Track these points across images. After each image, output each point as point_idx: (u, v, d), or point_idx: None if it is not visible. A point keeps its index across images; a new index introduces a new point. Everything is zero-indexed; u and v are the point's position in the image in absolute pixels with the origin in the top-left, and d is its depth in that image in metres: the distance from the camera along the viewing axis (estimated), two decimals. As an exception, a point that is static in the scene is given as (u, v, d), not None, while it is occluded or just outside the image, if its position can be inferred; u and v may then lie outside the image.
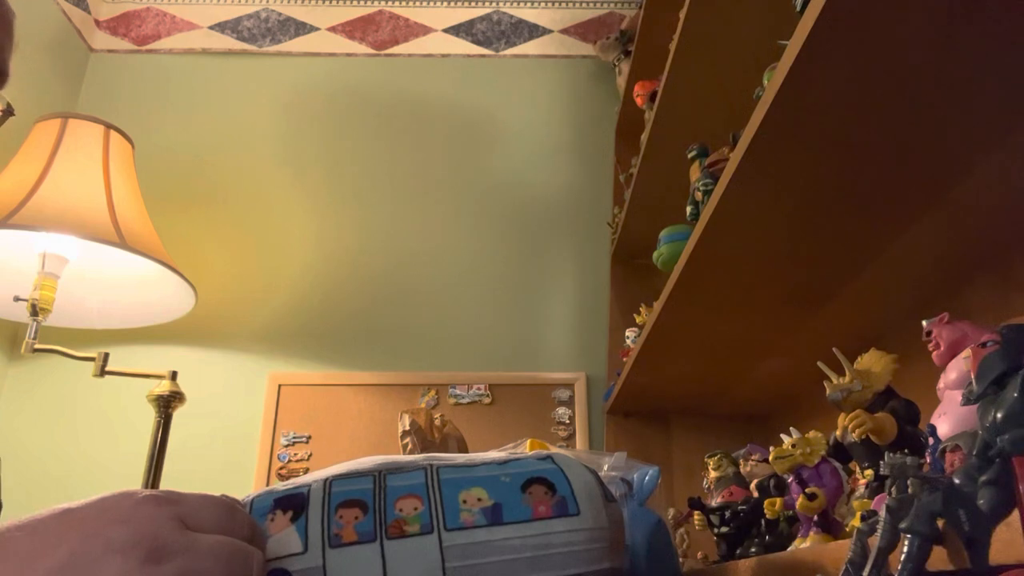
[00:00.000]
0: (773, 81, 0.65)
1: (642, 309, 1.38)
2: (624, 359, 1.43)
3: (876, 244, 0.86)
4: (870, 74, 0.62)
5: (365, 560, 0.46)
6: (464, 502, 0.50)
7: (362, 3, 2.06)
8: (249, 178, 1.86)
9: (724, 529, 0.89)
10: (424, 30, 2.03)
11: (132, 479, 1.44)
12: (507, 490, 0.51)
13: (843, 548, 0.46)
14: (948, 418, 0.50)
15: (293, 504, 0.49)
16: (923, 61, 0.60)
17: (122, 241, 1.37)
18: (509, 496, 0.51)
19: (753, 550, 0.84)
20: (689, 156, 1.08)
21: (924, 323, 0.57)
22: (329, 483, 0.50)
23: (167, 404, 1.39)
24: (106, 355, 1.39)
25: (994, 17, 0.55)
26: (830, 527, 0.68)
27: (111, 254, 1.42)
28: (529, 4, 2.05)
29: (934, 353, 0.56)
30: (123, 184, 1.47)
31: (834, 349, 0.67)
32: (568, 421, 1.63)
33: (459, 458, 0.55)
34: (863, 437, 0.61)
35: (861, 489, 0.63)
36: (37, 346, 1.36)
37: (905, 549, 0.38)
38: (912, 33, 0.57)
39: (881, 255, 0.88)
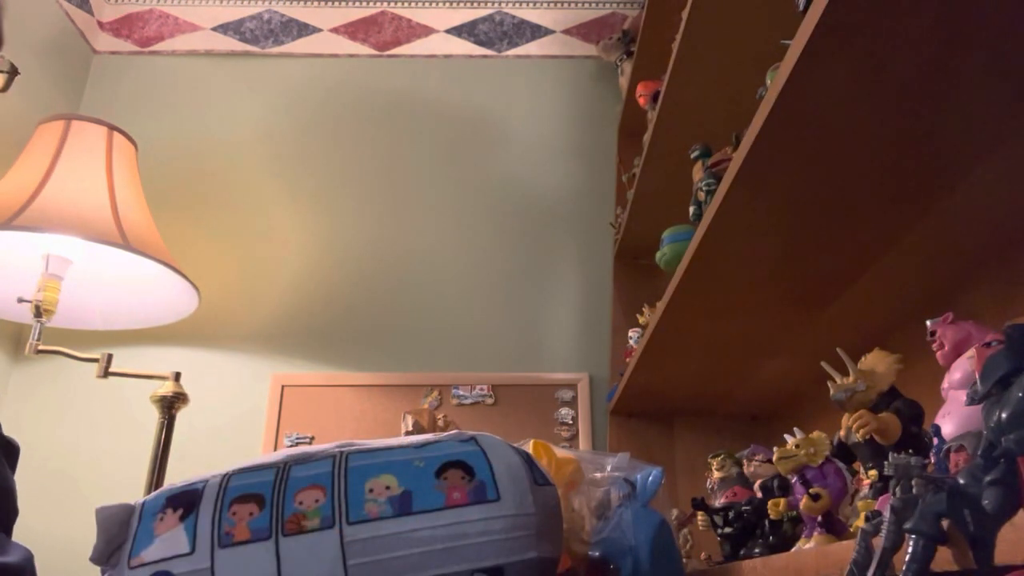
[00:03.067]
0: (776, 80, 0.65)
1: (645, 309, 1.38)
2: (627, 359, 1.43)
3: (880, 243, 0.86)
4: (872, 73, 0.62)
5: (257, 560, 0.42)
6: (371, 491, 0.45)
7: (364, 4, 2.06)
8: (252, 179, 1.86)
9: (728, 530, 0.88)
10: (426, 31, 2.03)
11: (135, 480, 1.44)
12: (419, 476, 0.47)
13: (847, 549, 0.46)
14: (952, 418, 0.50)
15: (185, 501, 0.45)
16: (925, 59, 0.60)
17: (125, 242, 1.38)
18: (421, 483, 0.46)
19: (757, 551, 0.84)
20: (692, 156, 1.08)
21: (928, 323, 0.57)
22: (228, 477, 0.46)
23: (170, 405, 1.39)
24: (109, 356, 1.40)
25: (995, 17, 0.55)
26: (834, 528, 0.68)
27: (114, 255, 1.42)
28: (531, 5, 2.05)
29: (938, 353, 0.56)
30: (126, 185, 1.47)
31: (838, 349, 0.67)
32: (571, 422, 1.63)
33: (375, 443, 0.50)
34: (867, 437, 0.61)
35: (865, 489, 0.63)
36: (41, 347, 1.36)
37: (909, 550, 0.38)
38: (914, 32, 0.57)
39: (885, 255, 0.88)
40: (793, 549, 0.70)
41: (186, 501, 0.45)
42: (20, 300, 1.36)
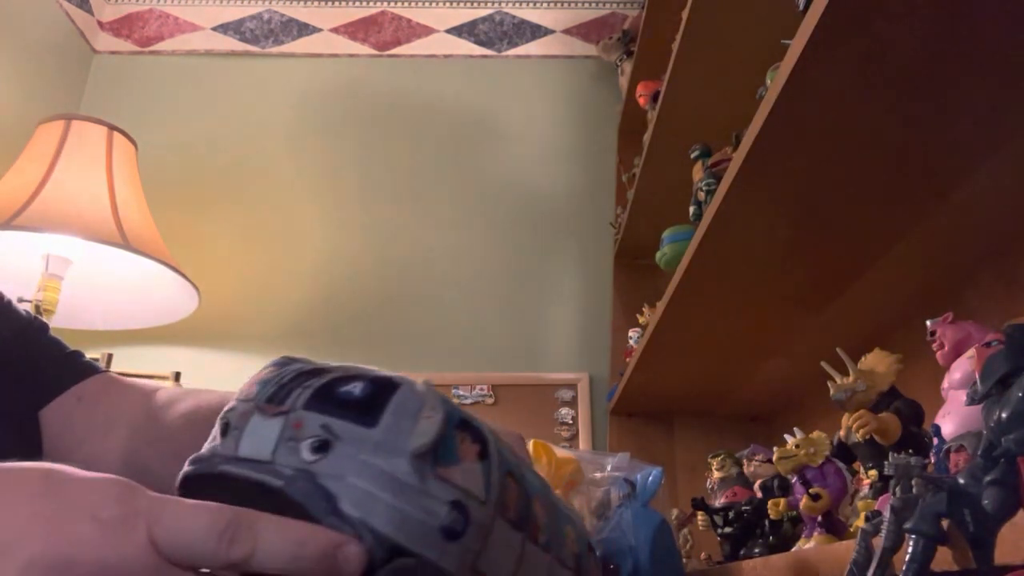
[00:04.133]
0: (776, 80, 0.65)
1: (645, 309, 1.38)
2: (627, 359, 1.43)
3: (880, 243, 0.86)
4: (873, 73, 0.62)
5: (511, 547, 0.38)
6: (566, 535, 0.44)
7: (364, 4, 2.06)
8: (252, 179, 1.86)
9: (728, 530, 0.88)
10: (426, 31, 2.03)
11: (136, 480, 1.44)
12: (583, 544, 0.47)
13: (847, 549, 0.46)
14: (952, 418, 0.50)
15: (477, 438, 0.38)
16: (925, 60, 0.60)
17: (125, 242, 1.38)
18: (584, 552, 0.46)
19: (757, 551, 0.84)
20: (692, 156, 1.08)
21: (928, 323, 0.57)
22: (497, 443, 0.40)
23: (170, 405, 1.39)
24: (110, 356, 1.40)
25: (996, 17, 0.55)
26: (834, 528, 0.68)
27: (114, 255, 1.42)
28: (531, 5, 2.05)
29: (938, 353, 0.56)
30: (126, 185, 1.47)
31: (838, 349, 0.67)
32: (571, 421, 1.63)
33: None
34: (867, 437, 0.60)
35: (865, 489, 0.63)
36: (41, 347, 1.36)
37: (909, 550, 0.38)
38: (914, 32, 0.57)
39: (885, 254, 0.88)
40: (793, 549, 0.70)
41: (478, 438, 0.38)
42: (20, 300, 1.35)
